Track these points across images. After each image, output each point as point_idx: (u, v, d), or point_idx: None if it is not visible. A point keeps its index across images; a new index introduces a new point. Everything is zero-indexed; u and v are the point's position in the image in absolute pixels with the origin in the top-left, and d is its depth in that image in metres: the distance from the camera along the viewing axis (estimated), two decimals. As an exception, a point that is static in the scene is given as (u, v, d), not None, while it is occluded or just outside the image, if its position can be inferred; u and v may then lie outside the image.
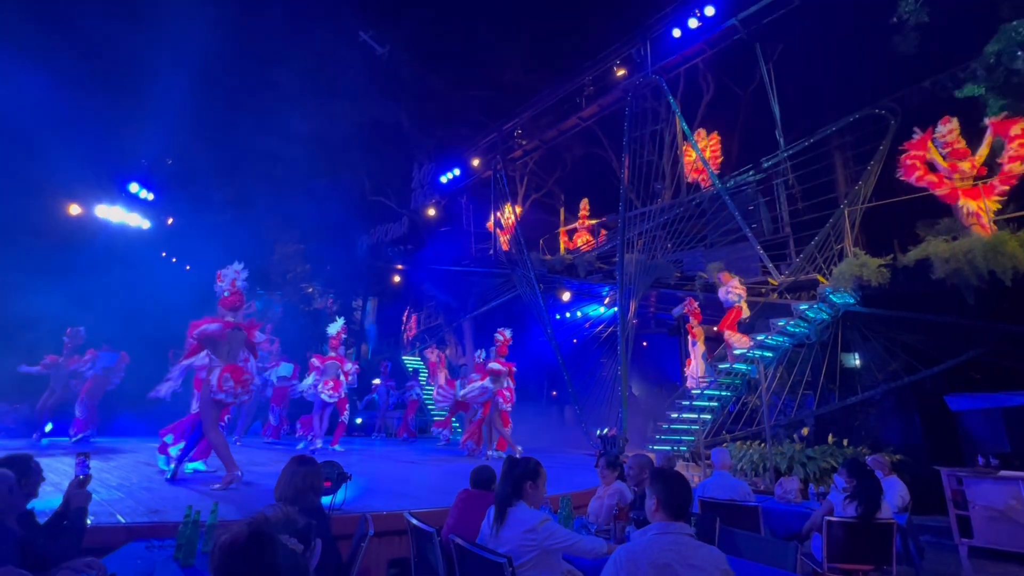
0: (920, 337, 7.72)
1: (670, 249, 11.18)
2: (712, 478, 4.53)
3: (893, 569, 3.45)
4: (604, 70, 14.24)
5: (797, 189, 11.26)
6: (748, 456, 7.49)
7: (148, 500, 3.99)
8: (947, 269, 6.87)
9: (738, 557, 2.78)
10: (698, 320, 9.91)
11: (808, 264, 9.07)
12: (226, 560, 1.12)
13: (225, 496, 4.25)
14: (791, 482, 4.88)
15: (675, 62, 12.48)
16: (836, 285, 7.95)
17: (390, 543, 3.53)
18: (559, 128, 15.29)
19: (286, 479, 2.54)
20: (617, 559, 1.88)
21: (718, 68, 13.36)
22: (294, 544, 1.21)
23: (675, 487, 1.98)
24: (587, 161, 17.15)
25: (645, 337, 13.84)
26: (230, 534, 1.15)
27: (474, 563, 2.40)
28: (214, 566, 1.13)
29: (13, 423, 10.19)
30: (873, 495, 3.53)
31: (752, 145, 13.15)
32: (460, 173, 17.88)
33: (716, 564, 1.82)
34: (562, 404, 14.78)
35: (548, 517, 2.47)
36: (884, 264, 7.63)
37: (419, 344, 17.85)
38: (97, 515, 3.30)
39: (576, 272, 13.09)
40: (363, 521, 2.75)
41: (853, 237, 8.82)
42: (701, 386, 9.10)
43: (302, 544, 1.25)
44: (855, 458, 4.62)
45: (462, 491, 3.11)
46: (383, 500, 4.35)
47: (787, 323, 8.44)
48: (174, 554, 2.38)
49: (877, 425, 8.04)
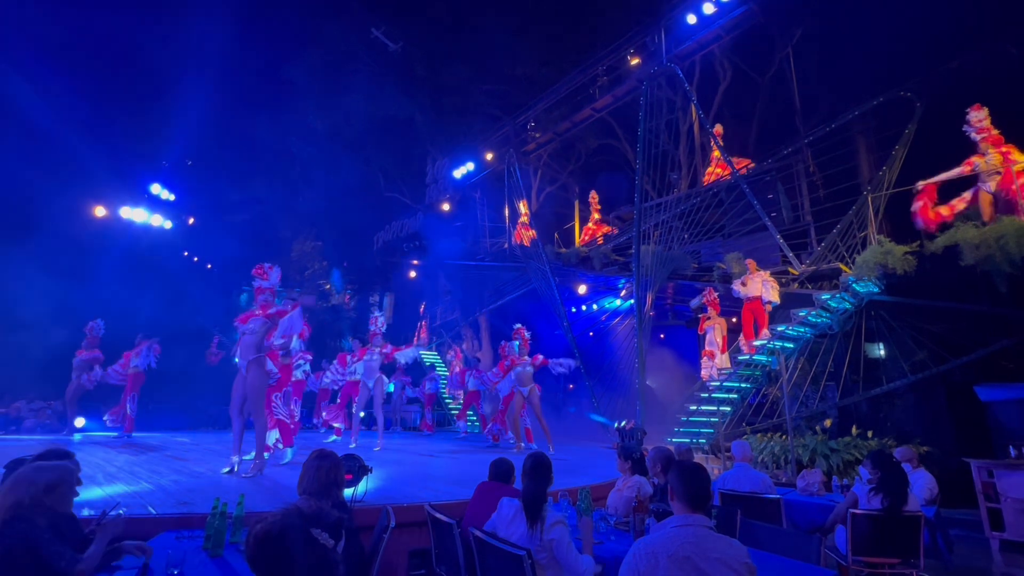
0: (948, 326, 7.50)
1: (687, 240, 11.03)
2: (732, 470, 4.48)
3: (921, 562, 3.38)
4: (618, 60, 14.04)
5: (818, 176, 10.99)
6: (769, 448, 7.39)
7: (177, 492, 4.12)
8: (977, 255, 6.64)
9: (760, 549, 2.75)
10: (716, 311, 9.77)
11: (830, 253, 8.86)
12: (259, 550, 1.15)
13: (251, 488, 4.35)
14: (814, 474, 4.80)
15: (690, 49, 12.24)
16: (859, 274, 7.75)
17: (411, 534, 3.58)
18: (573, 120, 15.14)
19: (310, 473, 2.57)
20: (636, 552, 1.87)
21: (735, 54, 13.07)
22: (325, 539, 1.23)
23: (695, 478, 1.95)
24: (601, 152, 16.99)
25: (663, 329, 13.72)
26: (264, 525, 1.17)
27: (494, 555, 2.42)
28: (249, 555, 1.16)
29: (48, 419, 10.57)
30: (899, 487, 3.45)
31: (771, 132, 12.87)
32: (474, 167, 17.86)
33: (738, 557, 1.80)
34: (579, 397, 14.77)
35: (562, 519, 2.48)
36: (910, 251, 7.42)
37: (435, 338, 17.98)
38: (129, 507, 3.41)
39: (591, 265, 13.01)
40: (384, 513, 2.80)
41: (877, 224, 8.59)
42: (720, 378, 9.00)
43: (333, 539, 1.27)
44: (880, 449, 4.52)
45: (481, 483, 3.14)
46: (403, 492, 4.41)
47: (808, 313, 8.27)
48: (203, 544, 2.45)
49: (903, 417, 7.86)
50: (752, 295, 8.92)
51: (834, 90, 11.41)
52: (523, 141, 16.62)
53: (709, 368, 9.48)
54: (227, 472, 5.16)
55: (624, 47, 13.77)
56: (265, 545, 1.15)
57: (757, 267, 9.10)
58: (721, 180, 11.71)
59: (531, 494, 2.55)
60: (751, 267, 9.08)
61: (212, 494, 3.45)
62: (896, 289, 7.76)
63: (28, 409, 10.69)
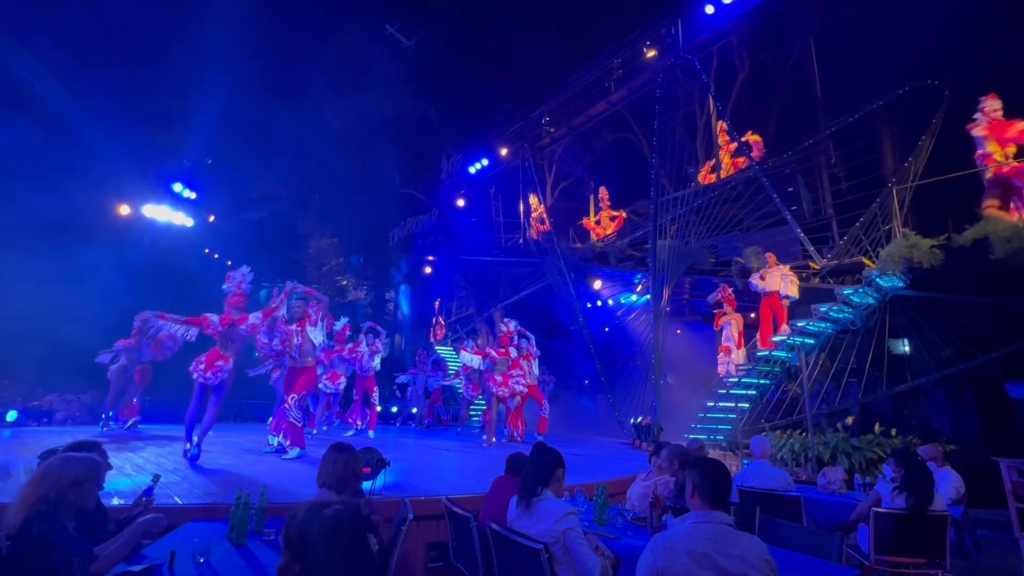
0: (976, 322, 7.29)
1: (704, 234, 10.88)
2: (752, 467, 4.42)
3: (947, 563, 3.30)
4: (633, 52, 13.88)
5: (840, 168, 10.73)
6: (788, 445, 7.28)
7: (202, 483, 4.22)
8: (1008, 249, 6.43)
9: (780, 547, 2.72)
10: (732, 306, 9.64)
11: (853, 246, 8.66)
12: (328, 540, 1.17)
13: (273, 480, 4.44)
14: (835, 472, 4.71)
15: (708, 40, 12.04)
16: (884, 268, 7.57)
17: (428, 527, 3.62)
18: (587, 114, 15.02)
19: (328, 467, 2.61)
20: (654, 547, 1.86)
21: (754, 44, 12.80)
22: (375, 543, 1.26)
23: (714, 474, 1.93)
24: (616, 147, 16.82)
25: (679, 325, 13.58)
26: (333, 518, 1.19)
27: (511, 548, 2.44)
28: (311, 538, 1.18)
29: (78, 411, 10.92)
30: (924, 486, 3.38)
31: (791, 124, 12.59)
32: (488, 163, 17.86)
33: (758, 553, 1.78)
34: (595, 392, 14.72)
35: (574, 511, 2.46)
36: (937, 245, 7.21)
37: (451, 334, 18.08)
38: (156, 497, 3.49)
39: (607, 260, 12.92)
40: (403, 506, 2.83)
41: (902, 217, 8.36)
42: (738, 374, 8.88)
43: (378, 545, 1.30)
44: (905, 447, 4.43)
45: (497, 477, 3.15)
46: (421, 485, 4.46)
47: (830, 308, 8.11)
48: (227, 534, 2.51)
49: (928, 414, 7.67)
50: (770, 289, 8.78)
51: (857, 80, 11.10)
52: (538, 136, 16.55)
53: (726, 364, 9.37)
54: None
55: (640, 39, 13.60)
56: (334, 539, 1.19)
57: (777, 261, 8.94)
58: (740, 172, 11.51)
59: (524, 481, 2.59)
60: (770, 261, 8.93)
61: (235, 485, 3.53)
62: (922, 283, 7.55)
63: (60, 402, 11.06)
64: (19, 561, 1.86)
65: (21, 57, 12.84)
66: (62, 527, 2.00)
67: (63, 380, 11.63)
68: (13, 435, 8.07)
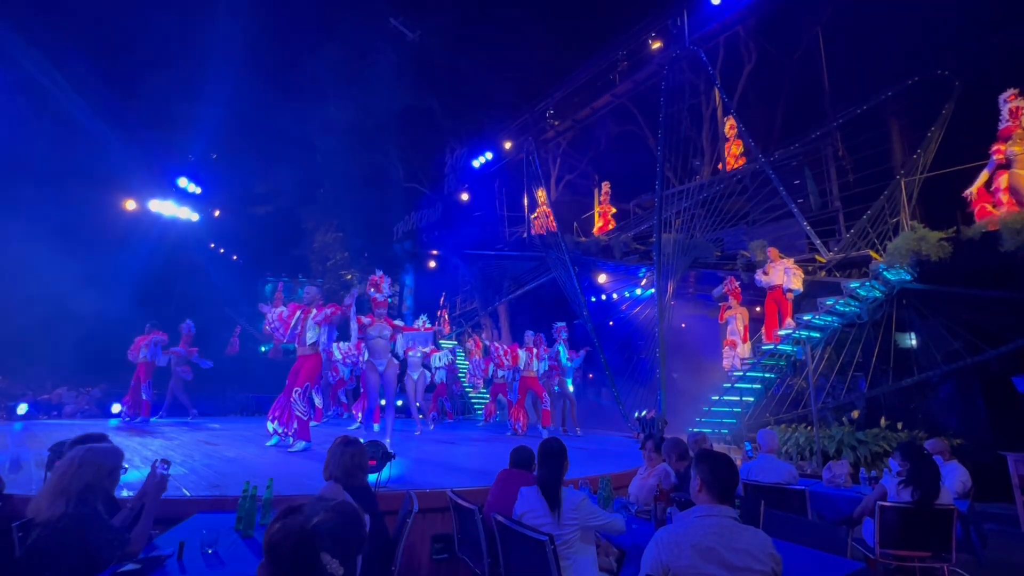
0: (985, 315, 7.21)
1: (709, 227, 10.82)
2: (757, 461, 4.41)
3: (953, 556, 3.29)
4: (638, 44, 13.76)
5: (847, 160, 10.62)
6: (794, 439, 7.26)
7: (210, 476, 4.26)
8: (1018, 241, 6.36)
9: (785, 540, 2.71)
10: (738, 300, 9.59)
11: (860, 239, 8.59)
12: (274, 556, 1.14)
13: (279, 473, 4.48)
14: (840, 466, 4.70)
15: (714, 31, 11.91)
16: (891, 261, 7.50)
17: (434, 519, 3.64)
18: (592, 106, 14.94)
19: (335, 459, 2.63)
20: (659, 541, 1.85)
21: (761, 35, 12.66)
22: (335, 568, 1.19)
23: (721, 468, 1.93)
24: (621, 140, 16.72)
25: (684, 318, 13.54)
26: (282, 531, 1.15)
27: (516, 540, 2.45)
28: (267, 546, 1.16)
29: (87, 404, 11.03)
30: (930, 480, 3.36)
31: (798, 115, 12.47)
32: (492, 157, 17.80)
33: (762, 547, 1.77)
34: (599, 386, 14.73)
35: (586, 496, 2.58)
36: (945, 237, 7.13)
37: (455, 328, 18.10)
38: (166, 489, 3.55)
39: (611, 254, 12.88)
40: (408, 498, 2.85)
41: (910, 209, 8.27)
42: (743, 368, 8.85)
43: (342, 568, 1.21)
44: (911, 441, 4.40)
45: (502, 471, 3.17)
46: (426, 478, 4.49)
47: (836, 302, 8.05)
48: (235, 525, 2.54)
49: (935, 408, 7.62)
50: (774, 284, 8.73)
51: (865, 71, 10.96)
52: (542, 129, 16.48)
53: (731, 357, 9.34)
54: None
55: (645, 31, 13.48)
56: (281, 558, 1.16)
57: (780, 255, 8.88)
58: (746, 164, 11.42)
59: (545, 480, 2.61)
60: (773, 255, 8.88)
61: (243, 478, 3.56)
62: (930, 277, 7.49)
63: (69, 395, 11.18)
64: (56, 548, 1.90)
65: (29, 55, 12.89)
66: (99, 513, 2.09)
67: (72, 373, 11.75)
68: (24, 428, 8.18)
